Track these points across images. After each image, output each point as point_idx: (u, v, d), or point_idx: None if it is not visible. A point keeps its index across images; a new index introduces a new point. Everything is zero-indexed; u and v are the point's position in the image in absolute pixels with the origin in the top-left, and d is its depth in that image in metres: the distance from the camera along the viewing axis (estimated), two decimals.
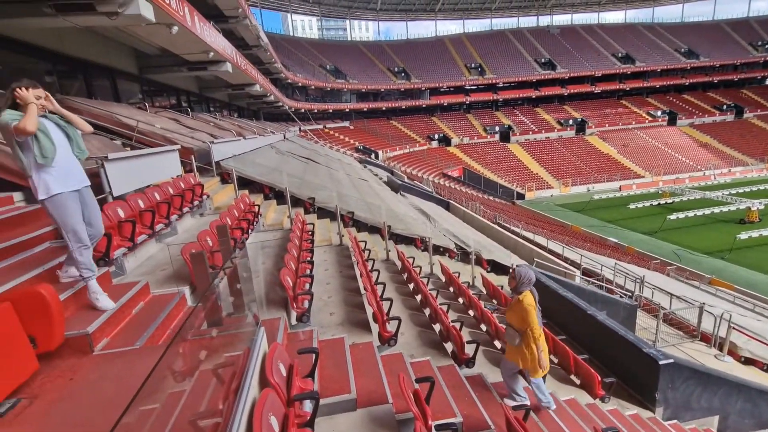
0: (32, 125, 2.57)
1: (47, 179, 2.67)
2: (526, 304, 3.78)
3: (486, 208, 24.29)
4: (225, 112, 23.63)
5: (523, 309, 3.78)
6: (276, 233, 6.92)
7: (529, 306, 3.77)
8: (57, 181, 2.72)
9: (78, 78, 10.32)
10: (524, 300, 3.80)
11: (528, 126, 50.17)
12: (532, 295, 3.87)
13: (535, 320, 3.78)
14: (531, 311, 3.76)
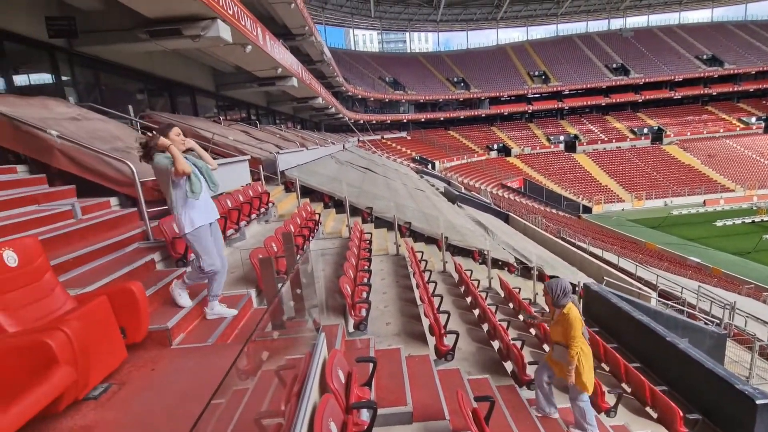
0: (188, 167, 2.87)
1: (192, 214, 2.92)
2: (573, 317, 3.53)
3: (548, 221, 23.12)
4: (289, 123, 24.94)
5: (568, 322, 3.53)
6: (335, 241, 7.10)
7: (576, 319, 3.52)
8: (200, 215, 2.98)
9: (164, 95, 11.48)
10: (570, 313, 3.55)
11: (596, 135, 47.17)
12: (576, 307, 3.61)
13: (579, 334, 3.51)
14: (576, 325, 3.50)
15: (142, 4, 6.73)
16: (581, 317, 3.59)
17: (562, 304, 3.61)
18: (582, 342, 3.54)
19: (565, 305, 3.59)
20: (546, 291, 3.71)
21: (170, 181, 2.84)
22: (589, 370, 3.60)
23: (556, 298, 3.62)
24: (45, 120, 4.68)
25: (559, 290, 3.61)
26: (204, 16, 7.37)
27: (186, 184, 2.91)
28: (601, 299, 7.46)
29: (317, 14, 42.05)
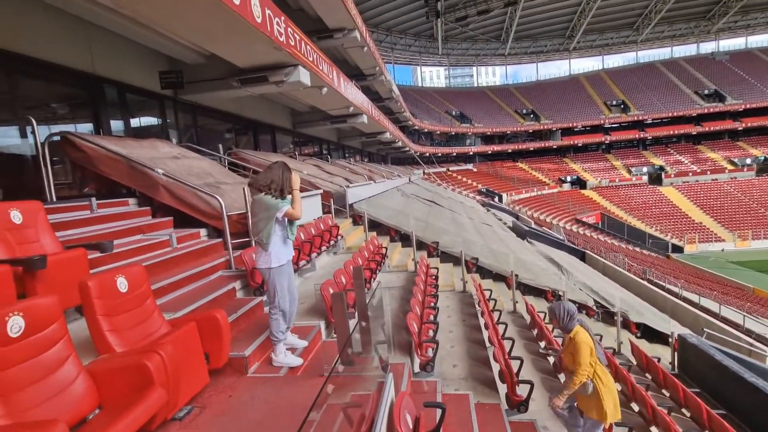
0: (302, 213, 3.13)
1: (281, 251, 3.11)
2: (579, 340, 3.29)
3: (632, 260, 21.05)
4: (358, 157, 25.99)
5: (575, 346, 3.29)
6: (401, 275, 7.08)
7: (583, 343, 3.27)
8: (286, 253, 3.17)
9: (248, 134, 12.65)
10: (577, 337, 3.33)
11: (687, 166, 42.78)
12: (586, 331, 3.36)
13: (587, 359, 3.24)
14: (584, 348, 3.25)
15: (237, 57, 7.59)
16: (591, 340, 3.33)
17: (569, 328, 3.39)
18: (599, 369, 3.29)
19: (573, 329, 3.38)
20: (551, 316, 3.50)
21: (274, 218, 3.00)
22: (609, 397, 3.26)
23: (563, 322, 3.40)
24: (153, 159, 5.37)
25: (564, 313, 3.40)
26: (287, 63, 8.11)
27: (288, 225, 3.10)
28: (702, 355, 6.50)
29: (387, 54, 44.28)
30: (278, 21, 6.77)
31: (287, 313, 3.16)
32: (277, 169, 3.07)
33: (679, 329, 9.16)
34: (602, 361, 3.37)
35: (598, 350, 3.37)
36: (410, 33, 44.95)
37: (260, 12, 6.01)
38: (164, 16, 5.58)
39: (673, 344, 7.28)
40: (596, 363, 3.32)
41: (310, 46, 8.62)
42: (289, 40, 7.35)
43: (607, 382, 3.30)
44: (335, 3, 11.74)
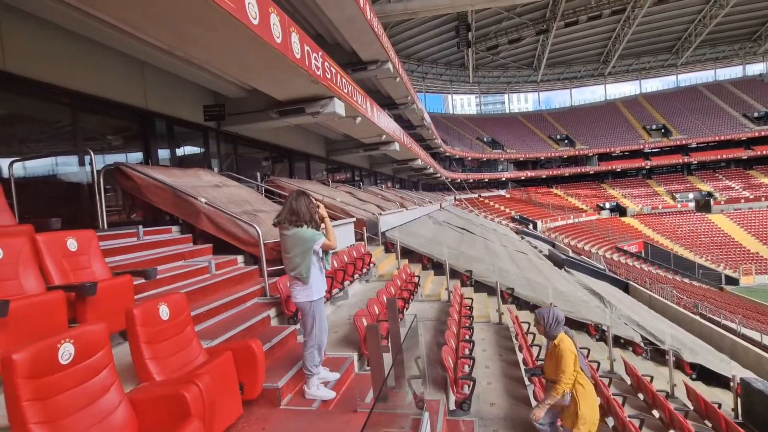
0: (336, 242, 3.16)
1: (318, 283, 3.10)
2: (563, 348, 3.24)
3: (681, 293, 19.66)
4: (389, 183, 26.22)
5: (558, 354, 3.24)
6: (434, 305, 6.92)
7: (567, 350, 3.22)
8: (323, 284, 3.18)
9: (284, 161, 13.08)
10: (561, 344, 3.27)
11: (738, 192, 40.19)
12: (570, 339, 3.31)
13: (570, 367, 3.18)
14: (567, 356, 3.19)
15: (276, 91, 7.97)
16: (575, 350, 3.28)
17: (553, 334, 3.34)
18: (580, 377, 3.24)
19: (557, 336, 3.33)
20: (537, 320, 3.43)
21: (311, 251, 2.99)
22: (588, 409, 3.21)
23: (548, 327, 3.34)
24: (195, 188, 5.62)
25: (551, 319, 3.34)
26: (323, 95, 8.42)
27: (324, 255, 3.10)
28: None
29: (418, 84, 45.19)
30: (316, 56, 7.08)
31: (322, 346, 3.12)
32: (299, 200, 3.03)
33: (740, 371, 8.34)
34: (585, 372, 3.33)
35: (580, 360, 3.33)
36: (441, 63, 45.83)
37: (299, 49, 6.31)
38: (215, 56, 5.97)
39: (735, 389, 6.61)
40: (578, 372, 3.27)
41: (345, 79, 8.93)
42: (326, 74, 7.65)
43: (587, 393, 3.26)
44: (369, 37, 12.21)
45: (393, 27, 32.11)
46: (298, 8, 11.47)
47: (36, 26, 4.93)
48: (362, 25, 11.43)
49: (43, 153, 5.62)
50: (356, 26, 11.51)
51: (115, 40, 5.60)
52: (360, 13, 10.70)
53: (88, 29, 5.26)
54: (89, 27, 5.15)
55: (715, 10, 37.93)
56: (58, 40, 5.23)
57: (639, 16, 37.30)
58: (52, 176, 5.71)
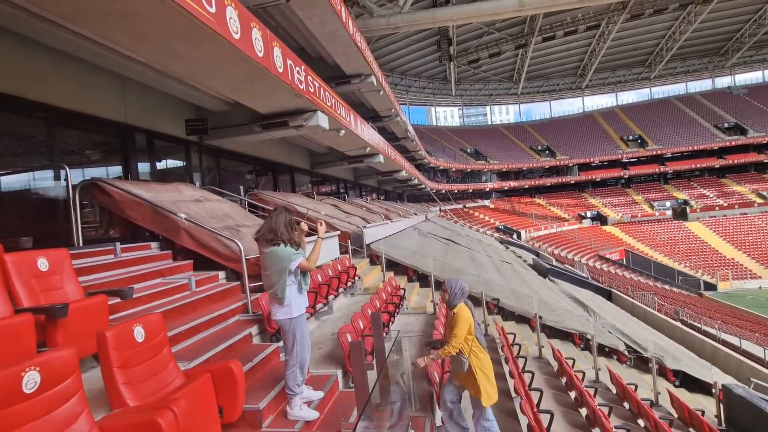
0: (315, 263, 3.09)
1: (297, 301, 3.03)
2: (460, 314, 3.40)
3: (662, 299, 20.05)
4: (374, 195, 26.25)
5: (454, 320, 3.39)
6: (420, 317, 6.88)
7: (463, 318, 3.38)
8: (303, 301, 3.12)
9: (268, 174, 12.99)
10: (459, 311, 3.43)
11: (712, 200, 41.58)
12: (468, 309, 3.47)
13: (462, 332, 3.34)
14: (462, 323, 3.36)
15: (259, 104, 7.94)
16: (472, 320, 3.44)
17: (454, 304, 3.49)
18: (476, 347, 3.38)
19: (456, 305, 3.47)
20: (444, 288, 3.60)
21: (287, 270, 2.93)
22: (483, 378, 3.35)
23: (453, 296, 3.50)
24: (176, 203, 5.51)
25: (458, 289, 3.50)
26: (306, 109, 8.42)
27: (301, 276, 3.04)
28: (751, 408, 5.96)
29: (402, 96, 45.72)
30: (299, 70, 7.10)
31: (304, 364, 3.05)
32: (278, 217, 2.98)
33: (722, 377, 8.51)
34: (481, 342, 3.44)
35: (477, 331, 3.46)
36: (424, 76, 46.54)
37: (282, 62, 6.32)
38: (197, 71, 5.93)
39: (717, 395, 6.72)
40: (473, 342, 3.39)
41: (328, 92, 8.97)
42: (309, 87, 7.67)
43: (483, 365, 3.39)
44: (352, 52, 12.33)
45: (376, 41, 32.56)
46: (280, 23, 11.53)
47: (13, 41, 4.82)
48: (345, 40, 11.55)
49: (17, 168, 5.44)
50: (339, 41, 11.63)
51: (95, 55, 5.51)
52: (342, 28, 10.82)
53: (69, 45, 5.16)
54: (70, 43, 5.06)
55: (684, 26, 39.68)
56: (37, 54, 5.12)
57: (613, 31, 38.74)
58: (27, 192, 5.53)
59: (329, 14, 10.08)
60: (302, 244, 3.10)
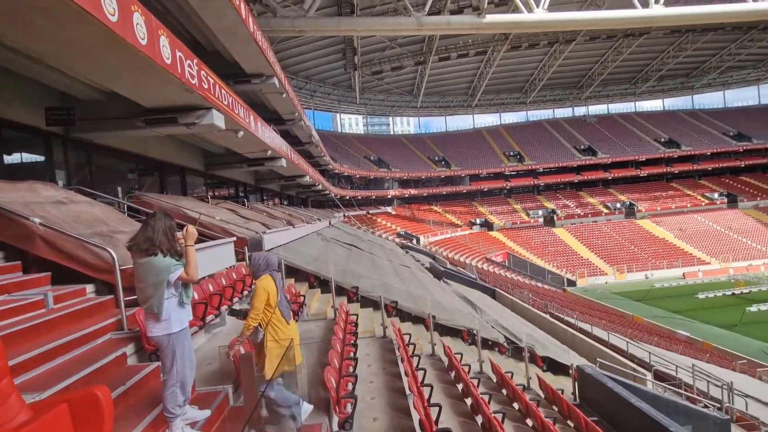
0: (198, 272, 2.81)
1: (178, 315, 2.76)
2: (259, 285, 3.24)
3: (535, 295, 23.00)
4: (276, 200, 25.36)
5: (253, 292, 3.25)
6: (320, 323, 6.85)
7: (261, 288, 3.21)
8: (186, 314, 2.85)
9: (154, 175, 11.70)
10: (259, 282, 3.27)
11: (572, 210, 49.26)
12: (272, 279, 3.29)
13: (260, 303, 3.18)
14: (260, 293, 3.19)
15: (143, 97, 7.14)
16: (275, 289, 3.26)
17: (258, 276, 3.33)
18: (276, 318, 3.21)
19: (260, 277, 3.31)
20: (249, 263, 3.57)
21: (164, 282, 2.68)
22: (278, 350, 3.19)
23: (257, 269, 3.35)
24: (29, 204, 4.66)
25: (261, 261, 3.36)
26: (200, 106, 7.81)
27: (182, 288, 2.80)
28: (597, 384, 7.18)
29: (306, 101, 45.13)
30: (190, 63, 6.57)
31: (186, 383, 2.81)
32: (156, 224, 2.72)
33: (577, 360, 10.09)
34: (284, 313, 3.28)
35: (282, 302, 3.29)
36: (329, 82, 46.66)
37: (170, 54, 5.80)
38: (59, 54, 5.11)
39: (573, 375, 7.94)
40: (274, 314, 3.24)
41: (225, 90, 8.47)
42: (203, 83, 7.15)
43: (279, 337, 3.23)
44: (253, 50, 11.83)
45: (280, 42, 31.68)
46: (171, 11, 10.56)
47: None
48: (245, 37, 11.02)
49: None
50: (238, 38, 11.06)
51: None
52: (242, 25, 10.32)
53: None
54: None
55: (551, 61, 46.55)
56: None
57: (497, 59, 43.64)
58: None
59: (227, 8, 9.53)
60: (190, 254, 2.87)
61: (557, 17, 23.01)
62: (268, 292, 3.22)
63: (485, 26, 22.92)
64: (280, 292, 3.32)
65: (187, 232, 2.85)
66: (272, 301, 3.24)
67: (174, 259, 2.74)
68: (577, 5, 32.64)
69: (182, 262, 2.79)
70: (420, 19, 21.63)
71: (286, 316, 3.32)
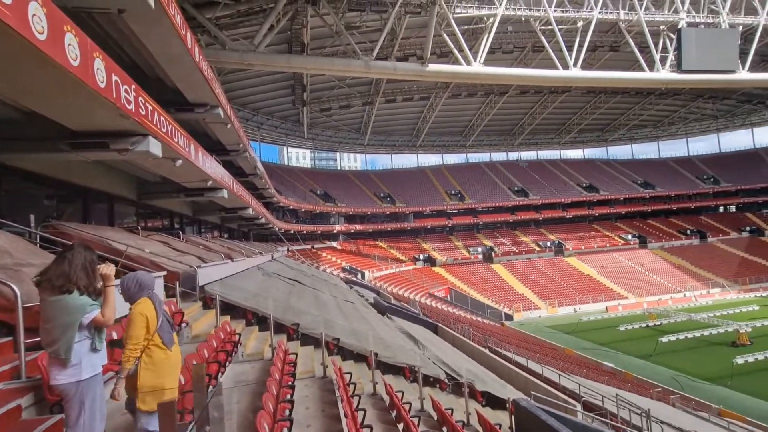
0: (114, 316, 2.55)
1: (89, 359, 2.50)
2: (135, 310, 2.90)
3: (475, 330, 23.56)
4: (216, 233, 24.14)
5: (128, 318, 2.91)
6: (256, 364, 6.46)
7: (138, 314, 2.87)
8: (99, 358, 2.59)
9: (76, 202, 10.71)
10: (135, 307, 2.93)
11: (508, 247, 52.15)
12: (151, 302, 2.96)
13: (137, 332, 2.84)
14: (137, 319, 2.85)
15: (70, 120, 6.65)
16: (155, 313, 2.93)
17: (135, 299, 2.98)
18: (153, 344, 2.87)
19: (138, 300, 2.97)
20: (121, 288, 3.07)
21: (76, 323, 2.42)
22: (153, 377, 2.84)
23: (131, 294, 2.99)
24: None
25: (132, 284, 2.99)
26: (135, 132, 7.42)
27: (95, 333, 2.54)
28: (532, 417, 7.38)
29: (253, 133, 44.50)
30: (127, 89, 6.30)
31: None
32: (75, 258, 2.49)
33: (514, 393, 10.36)
34: (164, 339, 2.95)
35: (163, 326, 2.97)
36: (277, 116, 46.63)
37: (105, 77, 5.53)
38: None
39: (510, 409, 8.12)
40: (152, 339, 2.91)
41: (164, 118, 8.15)
42: (140, 109, 6.85)
43: (155, 362, 2.89)
44: (197, 80, 11.63)
45: (229, 74, 31.43)
46: (111, 34, 10.16)
47: None
48: (190, 67, 10.82)
49: None
50: (183, 66, 10.83)
51: None
52: (187, 54, 10.16)
53: None
54: None
55: (488, 109, 50.67)
56: None
57: (439, 104, 46.64)
58: None
59: (172, 36, 9.36)
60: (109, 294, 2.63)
61: (491, 71, 25.32)
62: (146, 317, 2.88)
63: (428, 74, 24.59)
64: (160, 315, 3.00)
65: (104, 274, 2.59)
66: (151, 327, 2.91)
67: (90, 298, 2.51)
68: (509, 62, 36.20)
69: (99, 301, 2.55)
70: (368, 62, 22.69)
71: (167, 342, 2.99)
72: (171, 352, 3.00)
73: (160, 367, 2.92)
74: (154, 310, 2.95)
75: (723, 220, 57.86)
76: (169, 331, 3.06)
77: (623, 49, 31.78)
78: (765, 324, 27.36)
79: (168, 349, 2.98)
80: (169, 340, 3.02)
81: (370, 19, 25.66)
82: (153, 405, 2.76)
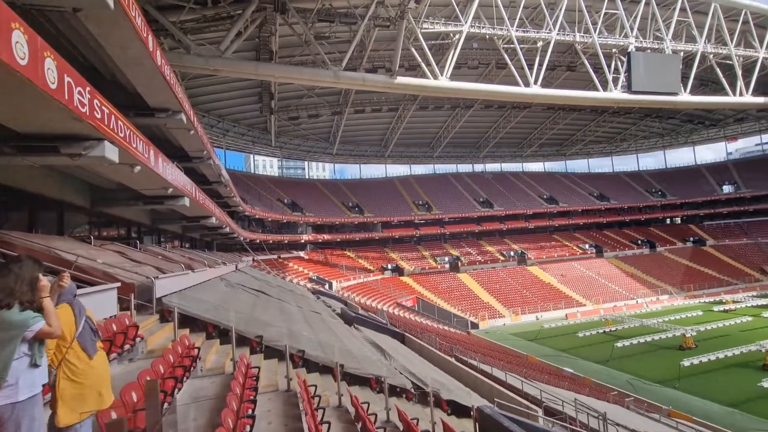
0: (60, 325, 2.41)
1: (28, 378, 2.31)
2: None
3: (442, 339, 23.78)
4: (176, 242, 23.18)
5: None
6: (216, 379, 6.22)
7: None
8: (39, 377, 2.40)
9: (21, 209, 10.01)
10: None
11: (474, 257, 53.25)
12: (70, 309, 2.82)
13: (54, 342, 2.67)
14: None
15: (15, 121, 6.26)
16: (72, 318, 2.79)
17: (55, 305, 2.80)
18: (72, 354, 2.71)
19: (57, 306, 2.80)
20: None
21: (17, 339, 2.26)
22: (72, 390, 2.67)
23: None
24: None
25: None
26: (89, 136, 7.07)
27: (36, 347, 2.36)
28: (495, 424, 7.52)
29: (218, 140, 43.35)
30: (81, 90, 6.02)
31: None
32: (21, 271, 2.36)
33: (479, 401, 10.52)
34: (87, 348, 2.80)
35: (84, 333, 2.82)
36: (244, 123, 45.73)
37: (56, 77, 5.26)
38: None
39: (474, 417, 8.24)
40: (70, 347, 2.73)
41: (122, 122, 7.82)
42: (95, 113, 6.54)
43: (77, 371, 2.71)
44: (159, 84, 11.26)
45: (192, 79, 30.58)
46: (65, 34, 9.70)
47: None
48: (151, 70, 10.47)
49: None
50: (143, 70, 10.46)
51: None
52: (149, 58, 9.83)
53: None
54: None
55: (454, 122, 52.02)
56: None
57: (407, 116, 47.46)
58: None
59: (132, 39, 9.05)
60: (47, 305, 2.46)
61: (457, 86, 26.12)
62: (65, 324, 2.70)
63: (396, 86, 25.02)
64: (80, 322, 2.85)
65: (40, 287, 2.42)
66: (68, 334, 2.74)
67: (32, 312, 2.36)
68: (474, 77, 37.43)
69: (41, 315, 2.39)
70: (337, 73, 22.81)
71: (89, 350, 2.83)
72: (94, 361, 2.84)
73: (82, 376, 2.75)
74: (74, 316, 2.82)
75: (670, 231, 61.92)
76: (92, 338, 2.90)
77: (579, 69, 33.67)
78: (708, 328, 29.31)
79: (90, 358, 2.82)
80: (92, 348, 2.86)
81: (340, 30, 25.85)
82: (74, 417, 2.61)
